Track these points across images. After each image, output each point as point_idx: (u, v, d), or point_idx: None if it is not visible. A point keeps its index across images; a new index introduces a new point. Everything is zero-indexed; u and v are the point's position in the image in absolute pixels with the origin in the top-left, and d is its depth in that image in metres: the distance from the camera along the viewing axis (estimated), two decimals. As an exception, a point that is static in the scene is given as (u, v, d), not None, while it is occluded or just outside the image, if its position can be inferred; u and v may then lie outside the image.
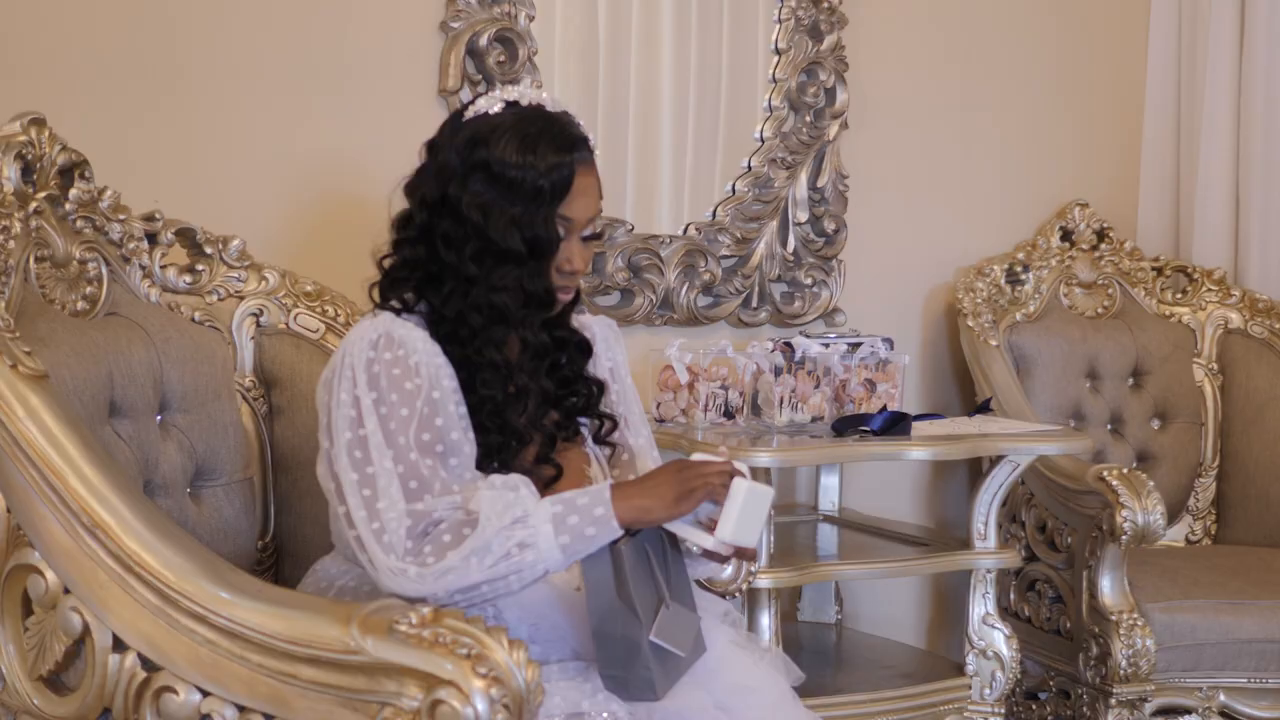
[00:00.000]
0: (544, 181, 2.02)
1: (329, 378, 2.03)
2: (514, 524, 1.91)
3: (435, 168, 2.08)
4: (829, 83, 3.54)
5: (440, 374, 2.02)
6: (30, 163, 2.29)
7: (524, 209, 2.02)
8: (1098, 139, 4.00)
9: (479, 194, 2.03)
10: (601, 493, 1.94)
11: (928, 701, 3.06)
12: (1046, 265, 3.82)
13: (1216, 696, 3.26)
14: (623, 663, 1.96)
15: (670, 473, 2.00)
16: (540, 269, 2.05)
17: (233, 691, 1.81)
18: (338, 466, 1.97)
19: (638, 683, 1.96)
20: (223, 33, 2.91)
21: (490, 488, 1.95)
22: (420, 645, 1.69)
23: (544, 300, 2.07)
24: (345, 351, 2.02)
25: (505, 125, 2.03)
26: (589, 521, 1.93)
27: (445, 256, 2.06)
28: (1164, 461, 3.75)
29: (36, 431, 1.90)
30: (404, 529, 1.92)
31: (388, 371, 1.99)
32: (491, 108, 2.06)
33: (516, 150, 2.01)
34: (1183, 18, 4.01)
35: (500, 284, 2.03)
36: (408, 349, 2.01)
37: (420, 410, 1.98)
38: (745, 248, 3.49)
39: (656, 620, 1.96)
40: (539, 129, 2.03)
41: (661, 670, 1.97)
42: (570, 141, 2.05)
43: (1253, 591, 3.29)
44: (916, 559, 3.14)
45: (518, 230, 2.02)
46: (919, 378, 3.71)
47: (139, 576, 1.84)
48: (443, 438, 2.00)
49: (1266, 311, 3.84)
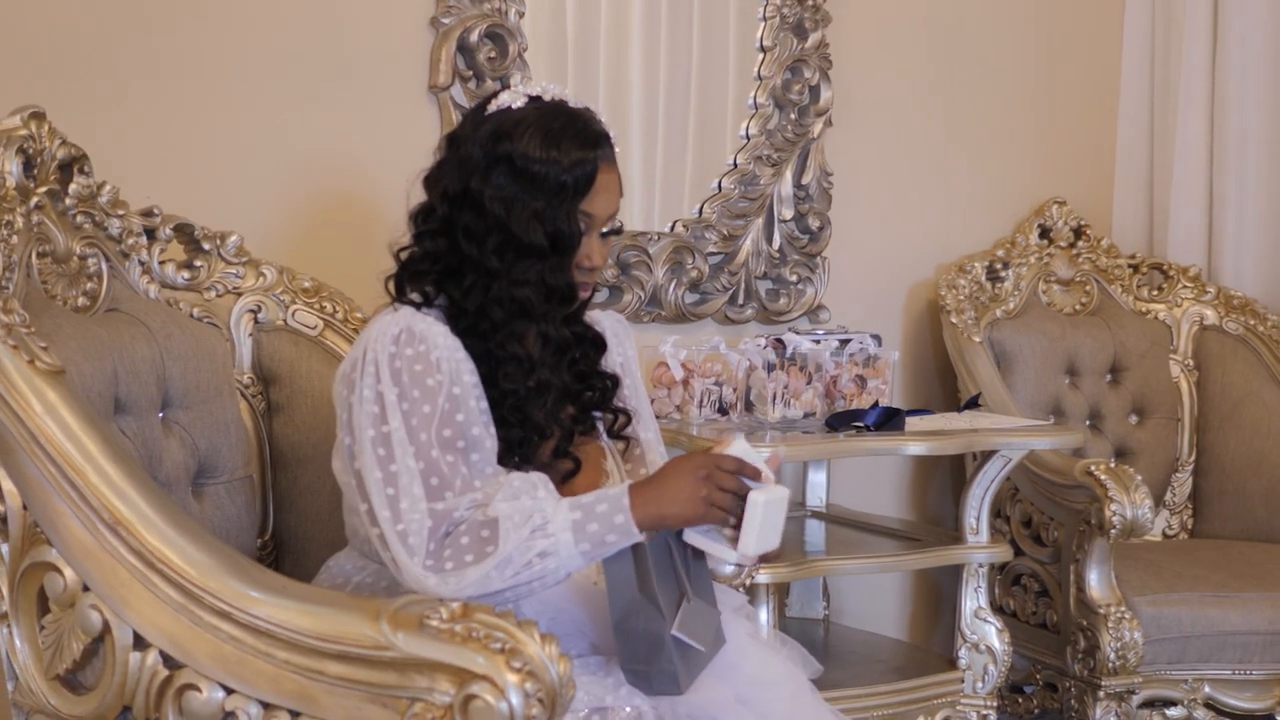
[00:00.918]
0: (567, 177, 2.02)
1: (347, 372, 2.02)
2: (534, 534, 1.90)
3: (457, 161, 2.07)
4: (813, 80, 3.55)
5: (461, 369, 2.02)
6: (31, 157, 2.27)
7: (547, 203, 2.01)
8: (1075, 138, 4.04)
9: (502, 187, 2.02)
10: (620, 499, 1.93)
11: (920, 695, 3.07)
12: (1025, 262, 3.85)
13: (1202, 688, 3.30)
14: (645, 657, 1.96)
15: (687, 475, 1.96)
16: (562, 264, 2.04)
17: (257, 689, 1.80)
18: (360, 463, 1.95)
19: (661, 677, 1.96)
20: (218, 29, 2.90)
21: (509, 495, 1.93)
22: (453, 640, 1.69)
23: (566, 295, 2.06)
24: (367, 346, 2.01)
25: (529, 120, 2.03)
26: (609, 529, 1.92)
27: (466, 250, 2.05)
28: (1142, 457, 3.79)
29: (55, 427, 1.88)
30: (426, 530, 1.91)
31: (409, 367, 1.98)
32: (515, 102, 2.06)
33: (540, 145, 2.01)
34: (1156, 19, 4.05)
35: (522, 278, 2.03)
36: (429, 344, 2.00)
37: (442, 406, 1.97)
38: (731, 245, 3.50)
39: (679, 615, 1.96)
40: (562, 124, 2.03)
41: (684, 664, 1.97)
42: (594, 138, 2.05)
43: (1235, 585, 3.33)
44: (909, 553, 3.16)
45: (540, 225, 2.01)
46: (901, 373, 3.73)
47: (161, 573, 1.83)
48: (464, 433, 2.00)
49: (1241, 308, 3.89)
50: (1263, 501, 3.73)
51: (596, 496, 1.95)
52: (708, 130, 3.48)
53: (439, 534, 1.92)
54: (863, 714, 2.93)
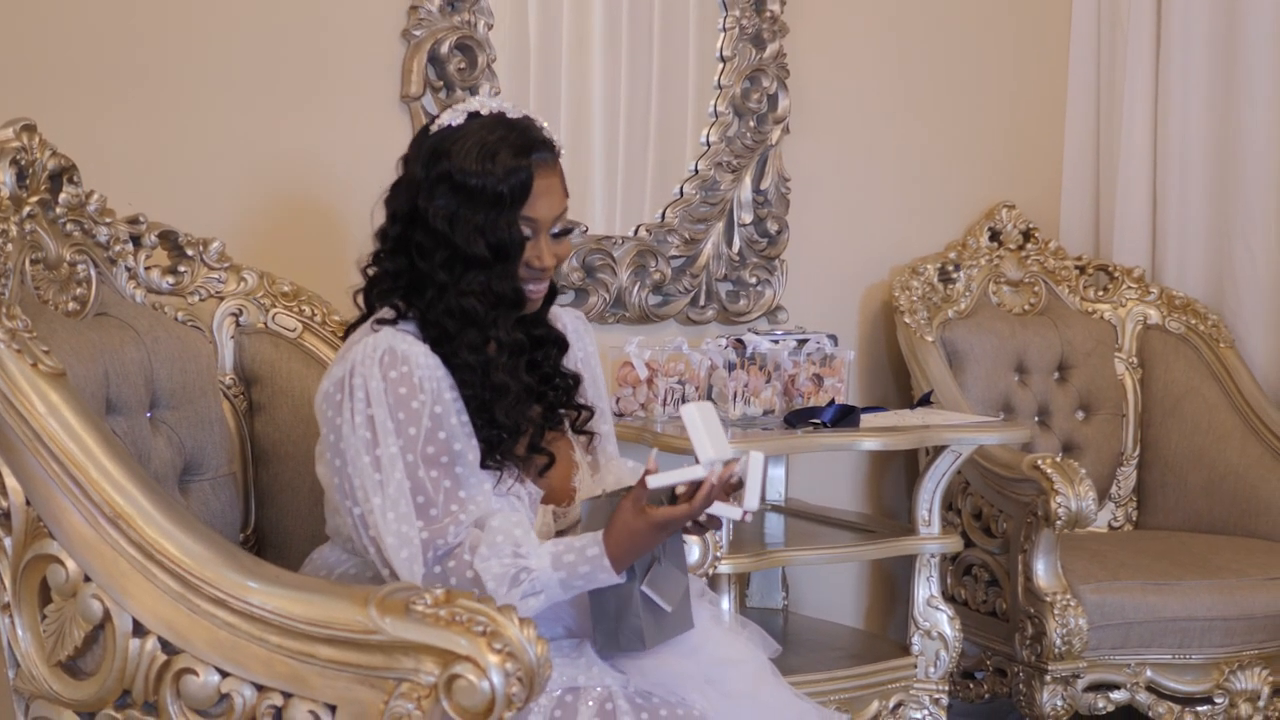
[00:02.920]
0: (503, 186, 2.11)
1: (332, 392, 2.12)
2: (513, 584, 2.05)
3: (406, 181, 2.19)
4: (771, 89, 3.68)
5: (442, 386, 2.12)
6: (23, 168, 2.37)
7: (486, 215, 2.11)
8: (1024, 143, 4.17)
9: (444, 204, 2.12)
10: (601, 559, 2.06)
11: (876, 680, 3.19)
12: (976, 264, 3.98)
13: (1144, 672, 3.42)
14: (615, 614, 2.09)
15: (655, 532, 2.08)
16: (507, 271, 2.14)
17: (252, 672, 1.90)
18: (356, 487, 2.08)
19: (628, 632, 2.09)
20: (198, 41, 2.99)
21: (490, 552, 2.05)
22: (437, 624, 1.80)
23: (513, 300, 2.16)
24: (353, 368, 2.11)
25: (466, 135, 2.13)
26: (594, 582, 2.08)
27: (420, 265, 2.16)
28: (1088, 451, 3.93)
29: (57, 426, 1.98)
30: (420, 557, 2.06)
31: (395, 391, 2.08)
32: (454, 120, 2.16)
33: (476, 159, 2.11)
34: (1102, 29, 4.17)
35: (468, 289, 2.13)
36: (411, 365, 2.10)
37: (425, 426, 2.09)
38: (693, 248, 3.62)
39: (649, 573, 2.09)
40: (498, 136, 2.13)
41: (652, 621, 2.10)
42: (529, 145, 2.14)
43: (1176, 573, 3.46)
44: (864, 544, 3.27)
45: (481, 236, 2.11)
46: (857, 372, 3.86)
47: (160, 564, 1.93)
48: (447, 449, 2.11)
49: (1183, 308, 4.02)
50: (1203, 493, 3.87)
51: (578, 557, 2.07)
52: (669, 138, 3.60)
53: (428, 557, 2.06)
54: (820, 698, 3.02)
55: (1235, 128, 3.99)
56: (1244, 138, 3.98)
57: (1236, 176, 4.00)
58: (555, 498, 2.26)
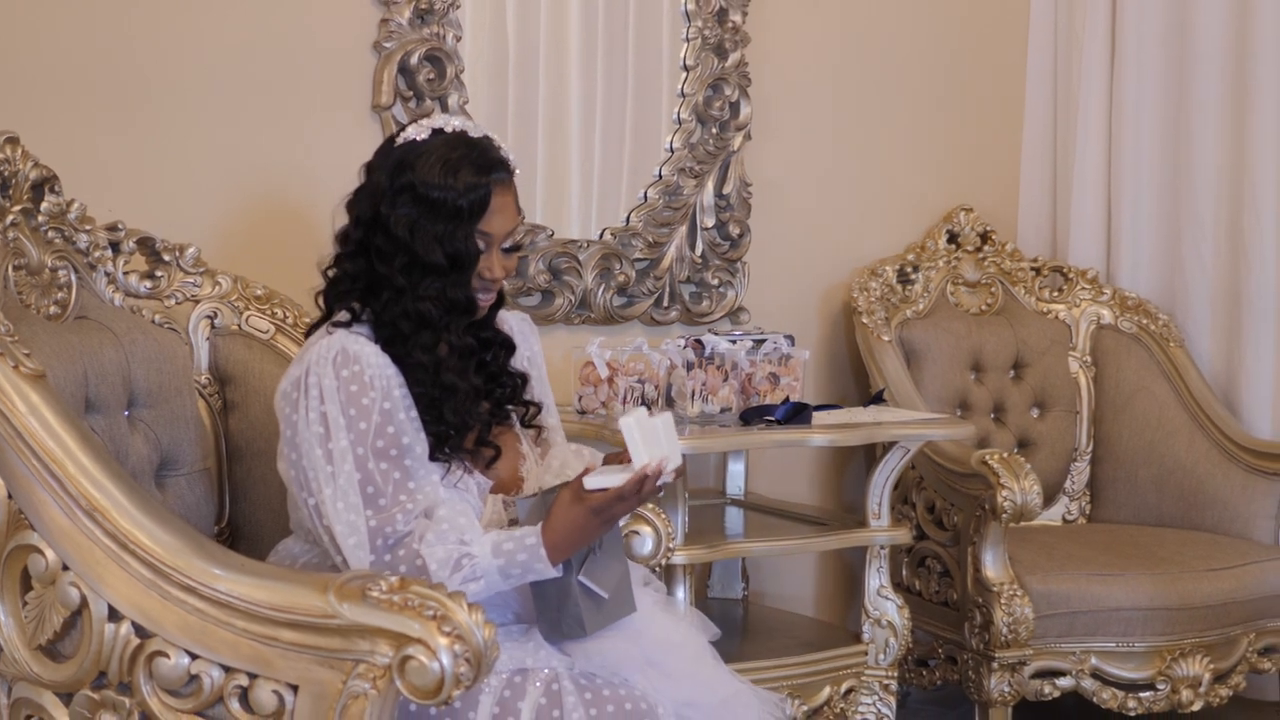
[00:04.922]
0: (463, 201, 2.25)
1: (289, 390, 2.25)
2: (455, 569, 2.17)
3: (370, 188, 2.31)
4: (733, 97, 3.80)
5: (391, 384, 2.25)
6: (6, 178, 2.49)
7: (445, 227, 2.25)
8: (981, 148, 4.28)
9: (406, 213, 2.26)
10: (538, 549, 2.18)
11: (828, 667, 3.31)
12: (935, 266, 4.10)
13: (1089, 659, 3.53)
14: (556, 604, 2.23)
15: (592, 516, 2.21)
16: (462, 280, 2.28)
17: (219, 654, 2.02)
18: (311, 479, 2.21)
19: (569, 620, 2.23)
20: (177, 54, 3.10)
21: (436, 539, 2.18)
22: (391, 609, 1.92)
23: (466, 307, 2.30)
24: (309, 368, 2.24)
25: (430, 150, 2.27)
26: (531, 572, 2.20)
27: (379, 269, 2.29)
28: (1043, 447, 4.05)
29: (37, 425, 2.10)
30: (367, 545, 2.18)
31: (346, 388, 2.21)
32: (419, 135, 2.29)
33: (439, 173, 2.24)
34: (1059, 38, 4.28)
35: (425, 294, 2.26)
36: (363, 364, 2.23)
37: (375, 421, 2.22)
38: (657, 251, 3.74)
39: (585, 563, 2.23)
40: (461, 154, 2.26)
41: (592, 608, 2.23)
42: (489, 164, 2.28)
43: (1120, 564, 3.57)
44: (817, 536, 3.40)
45: (440, 246, 2.25)
46: (817, 371, 3.97)
47: (133, 554, 2.05)
48: (396, 442, 2.23)
49: (1135, 309, 4.14)
50: (1153, 488, 3.99)
51: (517, 546, 2.19)
52: (634, 144, 3.72)
53: (377, 544, 2.18)
54: (774, 685, 3.13)
55: (1186, 135, 4.11)
56: (1194, 144, 4.09)
57: (1188, 182, 4.11)
58: (504, 487, 2.39)
